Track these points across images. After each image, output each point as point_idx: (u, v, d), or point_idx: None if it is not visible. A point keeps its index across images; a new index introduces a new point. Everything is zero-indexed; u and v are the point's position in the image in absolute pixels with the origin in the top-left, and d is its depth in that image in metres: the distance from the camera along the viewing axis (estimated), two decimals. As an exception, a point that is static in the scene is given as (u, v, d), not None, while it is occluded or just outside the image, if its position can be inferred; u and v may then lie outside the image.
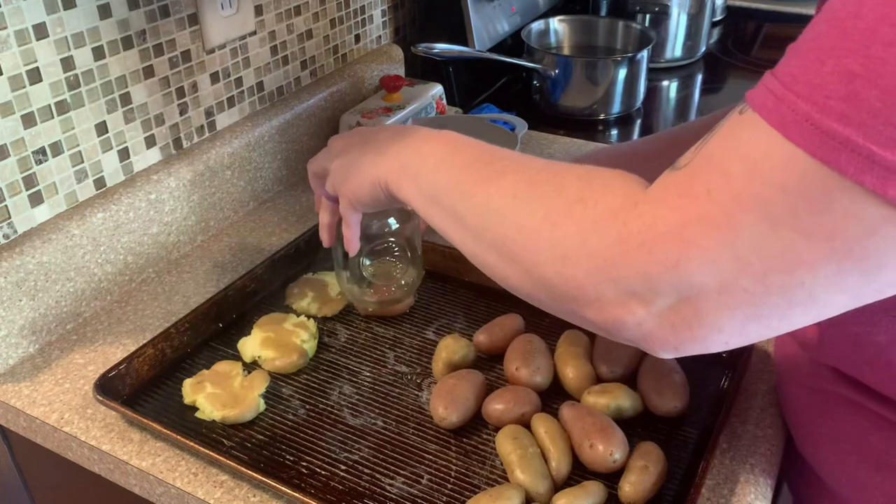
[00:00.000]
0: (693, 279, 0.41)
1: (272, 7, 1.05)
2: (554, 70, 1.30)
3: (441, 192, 0.56)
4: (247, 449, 0.69)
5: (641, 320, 0.44)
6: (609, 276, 0.44)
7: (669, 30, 1.54)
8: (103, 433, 0.71)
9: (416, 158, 0.59)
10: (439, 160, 0.57)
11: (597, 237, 0.44)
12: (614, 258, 0.43)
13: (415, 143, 0.60)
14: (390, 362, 0.79)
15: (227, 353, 0.80)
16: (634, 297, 0.43)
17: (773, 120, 0.38)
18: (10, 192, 0.78)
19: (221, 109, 1.01)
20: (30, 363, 0.80)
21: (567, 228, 0.46)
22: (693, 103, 1.50)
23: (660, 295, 0.43)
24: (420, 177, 0.58)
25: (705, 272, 0.40)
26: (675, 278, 0.41)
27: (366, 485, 0.65)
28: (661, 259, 0.41)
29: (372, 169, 0.62)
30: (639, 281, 0.43)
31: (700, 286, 0.41)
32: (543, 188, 0.49)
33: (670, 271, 0.41)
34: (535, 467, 0.64)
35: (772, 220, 0.38)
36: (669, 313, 0.43)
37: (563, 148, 1.20)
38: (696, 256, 0.40)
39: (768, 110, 0.38)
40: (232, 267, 0.95)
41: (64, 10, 0.78)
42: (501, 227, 0.50)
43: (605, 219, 0.44)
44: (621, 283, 0.43)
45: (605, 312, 0.45)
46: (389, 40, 1.34)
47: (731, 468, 0.66)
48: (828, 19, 0.37)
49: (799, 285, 0.39)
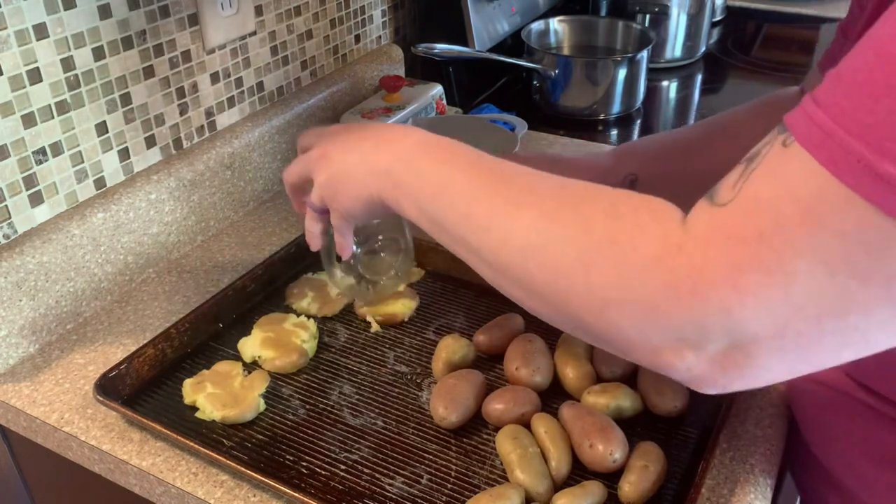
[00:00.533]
0: (747, 326, 0.39)
1: (272, 7, 1.05)
2: (554, 70, 1.30)
3: (448, 222, 0.52)
4: (247, 449, 0.69)
5: (691, 365, 0.43)
6: (657, 324, 0.42)
7: (669, 30, 1.54)
8: (103, 433, 0.71)
9: (411, 176, 0.55)
10: (441, 184, 0.53)
11: (640, 285, 0.42)
12: (662, 306, 0.41)
13: (406, 156, 0.55)
14: (390, 362, 0.79)
15: (227, 353, 0.80)
16: (684, 342, 0.42)
17: (824, 158, 0.36)
18: (11, 192, 0.78)
19: (221, 109, 1.02)
20: (30, 363, 0.80)
21: (604, 274, 0.43)
22: (693, 103, 1.50)
23: (711, 341, 0.41)
24: (421, 200, 0.54)
25: (760, 319, 0.39)
26: (728, 325, 0.40)
27: (366, 485, 0.65)
28: (715, 307, 0.40)
29: (364, 186, 0.58)
30: (690, 328, 0.41)
31: (754, 332, 0.40)
32: (570, 226, 0.46)
33: (724, 318, 0.40)
34: (535, 467, 0.64)
35: (828, 265, 0.37)
36: (720, 357, 0.42)
37: (563, 148, 1.20)
38: (750, 304, 0.39)
39: (816, 146, 0.37)
40: (232, 267, 0.95)
41: (64, 11, 0.78)
42: (526, 266, 0.47)
43: (648, 265, 0.42)
44: (671, 331, 0.42)
45: (652, 357, 0.44)
46: (389, 40, 1.34)
47: (731, 468, 0.66)
48: (877, 52, 0.35)
49: (853, 328, 0.38)
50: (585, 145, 1.22)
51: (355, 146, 0.59)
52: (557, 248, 0.46)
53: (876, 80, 0.35)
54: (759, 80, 1.56)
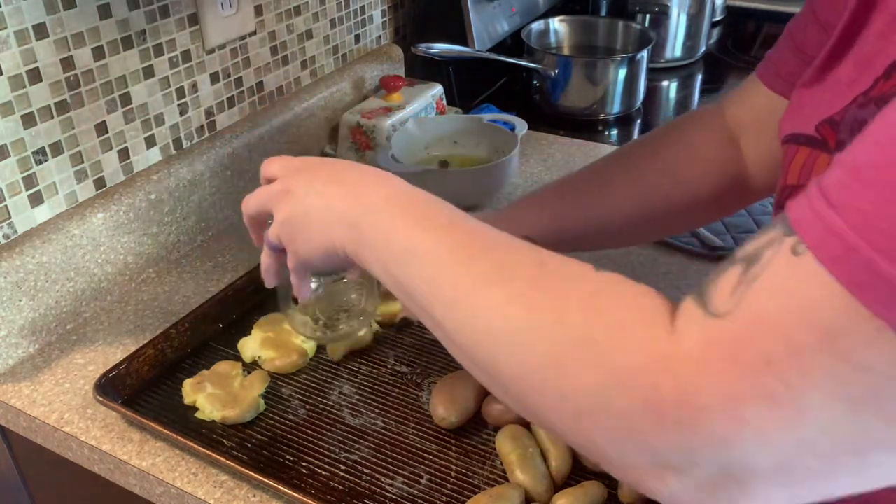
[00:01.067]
0: (745, 459, 0.34)
1: (272, 7, 1.05)
2: (554, 70, 1.30)
3: (413, 287, 0.47)
4: (247, 449, 0.69)
5: (675, 491, 0.37)
6: (636, 445, 0.36)
7: (669, 30, 1.54)
8: (103, 433, 0.71)
9: (376, 232, 0.49)
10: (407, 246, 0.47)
11: (619, 397, 0.36)
12: (643, 428, 0.35)
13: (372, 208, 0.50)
14: (390, 362, 0.79)
15: (227, 353, 0.80)
16: (668, 468, 0.36)
17: (846, 278, 0.30)
18: (10, 192, 0.78)
19: (221, 109, 1.01)
20: (30, 363, 0.80)
21: (578, 379, 0.38)
22: (693, 103, 1.50)
23: (700, 467, 0.35)
24: (386, 260, 0.49)
25: (761, 454, 0.33)
26: (721, 455, 0.34)
27: (366, 485, 0.65)
28: (706, 436, 0.34)
29: (325, 235, 0.52)
30: (676, 455, 0.35)
31: (752, 466, 0.34)
32: (542, 315, 0.40)
33: (717, 449, 0.34)
34: (535, 467, 0.64)
35: (849, 402, 0.31)
36: (709, 485, 0.36)
37: (563, 148, 1.20)
38: (751, 437, 0.33)
39: (835, 261, 0.31)
40: (232, 267, 0.95)
41: (64, 11, 0.78)
42: (493, 355, 0.42)
43: (628, 376, 0.36)
44: (651, 454, 0.36)
45: (630, 475, 0.38)
46: (389, 40, 1.34)
47: (731, 468, 0.66)
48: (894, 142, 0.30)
49: (873, 466, 0.33)
50: (585, 145, 1.22)
51: (322, 188, 0.53)
52: (526, 339, 0.40)
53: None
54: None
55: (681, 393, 0.34)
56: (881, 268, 0.29)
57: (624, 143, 1.25)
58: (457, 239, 0.46)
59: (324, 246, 0.53)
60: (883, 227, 0.29)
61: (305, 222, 0.54)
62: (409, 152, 1.05)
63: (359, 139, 1.13)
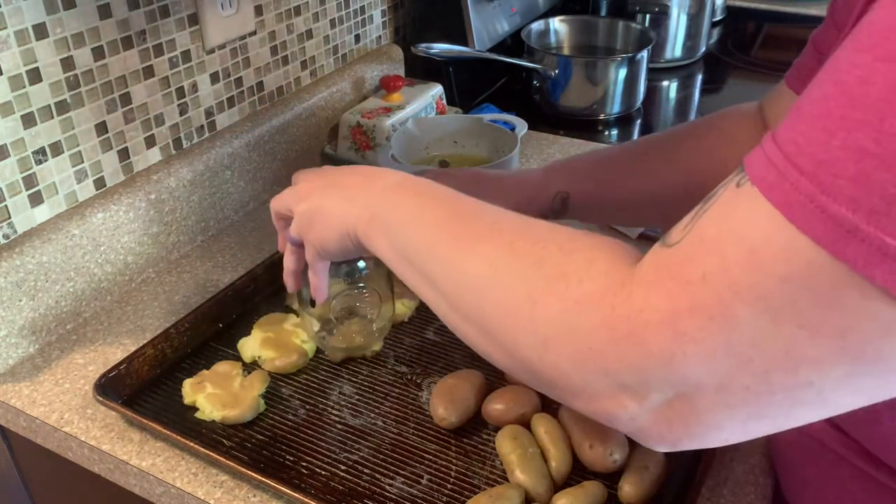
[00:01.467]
0: (689, 375, 0.37)
1: (272, 7, 1.05)
2: (554, 70, 1.30)
3: (413, 250, 0.52)
4: (247, 449, 0.69)
5: (634, 415, 0.40)
6: (596, 367, 0.40)
7: (669, 30, 1.54)
8: (103, 433, 0.71)
9: (387, 209, 0.55)
10: (412, 215, 0.53)
11: (580, 320, 0.40)
12: (601, 346, 0.39)
13: (385, 192, 0.56)
14: (390, 362, 0.79)
15: (227, 353, 0.80)
16: (625, 390, 0.39)
17: (776, 199, 0.33)
18: (10, 192, 0.78)
19: (221, 109, 1.02)
20: (30, 363, 0.80)
21: (548, 309, 0.42)
22: (693, 103, 1.50)
23: (653, 389, 0.39)
24: (391, 231, 0.54)
25: (702, 368, 0.36)
26: (669, 373, 0.37)
27: (366, 485, 0.65)
28: (654, 352, 0.37)
29: (340, 218, 0.57)
30: (630, 374, 0.39)
31: (697, 383, 0.37)
32: (523, 260, 0.44)
33: (664, 366, 0.37)
34: (535, 467, 0.64)
35: (773, 314, 0.34)
36: (664, 409, 0.39)
37: (563, 148, 1.20)
38: (691, 351, 0.36)
39: (769, 186, 0.34)
40: (232, 267, 0.95)
41: (64, 11, 0.78)
42: (479, 301, 0.46)
43: (590, 300, 0.40)
44: (610, 375, 0.39)
45: (593, 404, 0.41)
46: (389, 40, 1.34)
47: (731, 468, 0.66)
48: (834, 81, 0.33)
49: (806, 385, 0.35)
50: (585, 145, 1.22)
51: (340, 181, 0.60)
52: (509, 282, 0.44)
53: (831, 112, 0.32)
54: (759, 80, 1.56)
55: (630, 309, 0.38)
56: (805, 186, 0.32)
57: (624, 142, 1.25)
58: (455, 206, 0.52)
59: (337, 231, 0.57)
60: (811, 153, 0.33)
61: (322, 211, 0.59)
62: (409, 152, 1.05)
63: (359, 139, 1.13)
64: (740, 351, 0.35)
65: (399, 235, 0.53)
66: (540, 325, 0.42)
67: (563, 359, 0.41)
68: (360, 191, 0.57)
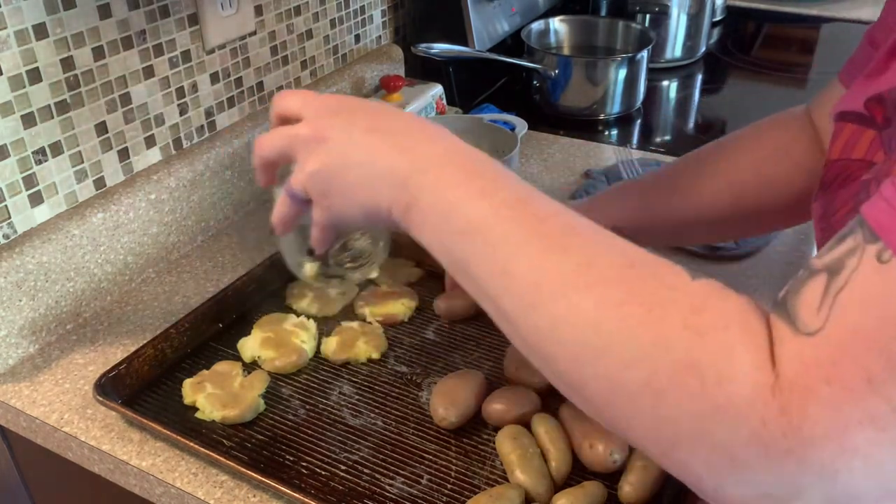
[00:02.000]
0: (852, 487, 0.33)
1: (272, 7, 1.05)
2: (554, 70, 1.30)
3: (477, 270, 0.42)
4: (247, 449, 0.69)
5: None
6: (738, 477, 0.35)
7: (669, 30, 1.54)
8: (103, 433, 0.71)
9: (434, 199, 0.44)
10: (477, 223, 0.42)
11: (722, 431, 0.34)
12: (748, 461, 0.34)
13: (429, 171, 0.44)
14: (390, 362, 0.79)
15: (227, 353, 0.80)
16: (769, 499, 0.35)
17: None
18: (10, 192, 0.78)
19: (221, 109, 1.02)
20: (30, 363, 0.80)
21: (678, 408, 0.35)
22: (693, 103, 1.50)
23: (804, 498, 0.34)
24: (443, 232, 0.44)
25: (869, 482, 0.33)
26: (829, 485, 0.33)
27: (366, 485, 0.65)
28: (816, 468, 0.33)
29: (369, 193, 0.47)
30: (780, 487, 0.34)
31: (858, 493, 0.33)
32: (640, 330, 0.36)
33: (825, 479, 0.33)
34: (535, 467, 0.64)
35: None
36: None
37: (563, 148, 1.20)
38: (859, 466, 0.32)
39: None
40: (232, 267, 0.95)
41: (64, 11, 0.78)
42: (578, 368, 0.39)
43: (735, 410, 0.34)
44: (753, 487, 0.35)
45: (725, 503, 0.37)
46: (389, 40, 1.34)
47: (731, 468, 0.66)
48: None
49: None
50: (585, 145, 1.22)
51: (362, 138, 0.47)
52: (620, 359, 0.37)
53: None
54: (759, 80, 1.56)
55: (788, 426, 0.33)
56: None
57: (624, 143, 1.26)
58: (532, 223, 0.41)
59: (365, 205, 0.47)
60: None
61: (343, 176, 0.48)
62: (409, 152, 1.05)
63: (359, 139, 1.13)
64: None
65: (454, 243, 0.43)
66: (667, 425, 0.36)
67: (696, 463, 0.36)
68: (396, 160, 0.46)
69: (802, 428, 0.32)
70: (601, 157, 1.18)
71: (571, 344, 0.39)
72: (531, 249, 0.40)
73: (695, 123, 1.41)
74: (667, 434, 0.36)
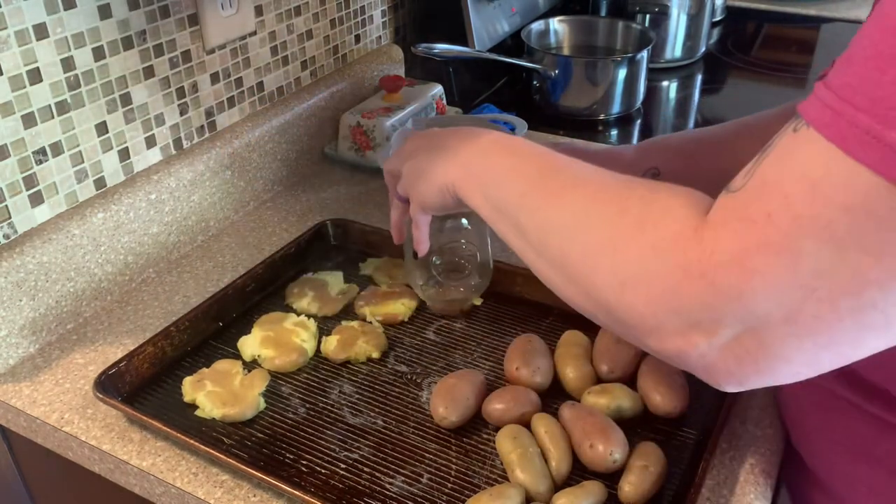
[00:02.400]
0: (757, 309, 0.39)
1: (272, 7, 1.05)
2: (554, 70, 1.30)
3: (506, 203, 0.56)
4: (247, 447, 0.69)
5: (704, 352, 0.43)
6: (669, 306, 0.43)
7: (669, 30, 1.54)
8: (103, 433, 0.71)
9: (483, 166, 0.59)
10: (506, 170, 0.57)
11: (656, 264, 0.43)
12: (674, 287, 0.42)
13: (482, 151, 0.60)
14: (390, 362, 0.79)
15: (227, 351, 0.80)
16: (696, 327, 0.42)
17: (832, 135, 0.36)
18: (11, 192, 0.78)
19: (221, 110, 1.02)
20: (30, 363, 0.80)
21: (627, 253, 0.45)
22: (693, 104, 1.50)
23: (722, 326, 0.41)
24: (486, 186, 0.58)
25: (769, 301, 0.39)
26: (738, 308, 0.40)
27: (366, 483, 0.65)
28: (724, 289, 0.40)
29: (440, 175, 0.62)
30: (700, 311, 0.41)
31: (764, 316, 0.39)
32: (607, 208, 0.48)
33: (733, 301, 0.40)
34: (535, 467, 0.64)
35: (836, 242, 0.36)
36: (733, 345, 0.42)
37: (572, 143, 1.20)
38: (758, 285, 0.39)
39: (825, 125, 0.37)
40: (232, 267, 0.95)
41: (64, 11, 0.78)
42: (563, 246, 0.50)
43: (665, 245, 0.43)
44: (682, 314, 0.42)
45: (665, 342, 0.44)
46: (389, 40, 1.34)
47: (731, 468, 0.66)
48: (881, 27, 0.36)
49: (870, 307, 0.37)
50: (585, 146, 1.21)
51: (441, 143, 0.64)
52: (593, 228, 0.48)
53: (881, 52, 0.35)
54: (759, 80, 1.56)
55: (701, 252, 0.41)
56: (861, 120, 0.35)
57: (624, 143, 1.26)
58: (547, 162, 0.56)
59: (437, 185, 0.62)
60: (864, 90, 0.35)
61: (426, 168, 0.64)
62: (409, 152, 1.05)
63: (359, 139, 1.13)
64: (806, 281, 0.38)
65: (492, 189, 0.57)
66: (619, 269, 0.45)
67: (638, 300, 0.44)
68: (459, 150, 0.61)
69: (713, 253, 0.40)
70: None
71: (560, 228, 0.51)
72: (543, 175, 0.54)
73: (695, 123, 1.41)
74: (619, 278, 0.45)
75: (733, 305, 0.40)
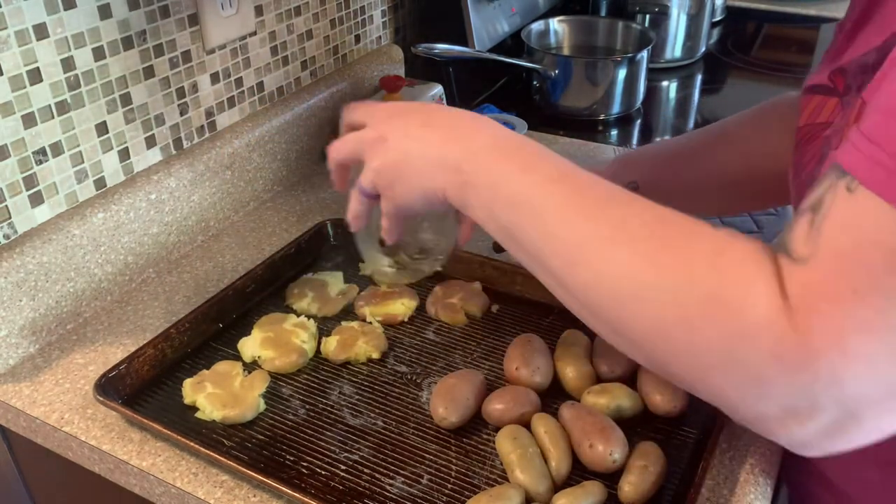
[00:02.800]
0: (857, 391, 0.38)
1: (272, 7, 1.05)
2: (554, 70, 1.30)
3: (525, 236, 0.49)
4: (247, 449, 0.69)
5: (795, 433, 0.41)
6: (762, 393, 0.40)
7: (669, 30, 1.54)
8: (103, 433, 0.71)
9: (486, 179, 0.50)
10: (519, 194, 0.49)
11: (747, 353, 0.40)
12: (770, 376, 0.39)
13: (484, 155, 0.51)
14: (390, 362, 0.79)
15: (227, 353, 0.80)
16: (792, 414, 0.40)
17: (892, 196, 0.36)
18: (11, 192, 0.78)
19: (221, 110, 1.02)
20: (30, 363, 0.80)
21: (708, 336, 0.41)
22: (693, 104, 1.50)
23: (820, 411, 0.39)
24: (493, 206, 0.50)
25: (869, 382, 0.38)
26: (837, 394, 0.38)
27: (366, 485, 0.65)
28: (823, 377, 0.38)
29: (426, 179, 0.54)
30: (798, 399, 0.39)
31: (864, 397, 0.38)
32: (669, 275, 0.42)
33: (832, 388, 0.38)
34: (535, 467, 0.64)
35: None
36: (829, 428, 0.40)
37: (563, 149, 1.20)
38: (860, 370, 0.37)
39: (883, 186, 0.36)
40: (232, 267, 0.95)
41: (64, 11, 0.78)
42: (621, 315, 0.45)
43: (756, 333, 0.39)
44: (778, 401, 0.40)
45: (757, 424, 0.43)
46: (389, 40, 1.34)
47: (731, 468, 0.66)
48: None
49: None
50: (585, 146, 1.22)
51: (419, 133, 0.54)
52: (656, 300, 0.43)
53: None
54: (759, 80, 1.56)
55: (798, 341, 0.38)
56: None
57: (624, 143, 1.26)
58: (571, 192, 0.48)
59: (424, 191, 0.54)
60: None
61: (403, 168, 0.55)
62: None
63: (359, 139, 1.13)
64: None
65: (504, 215, 0.50)
66: (700, 354, 0.42)
67: (728, 386, 0.42)
68: (447, 147, 0.53)
69: (809, 341, 0.38)
70: (601, 157, 1.18)
71: (612, 293, 0.44)
72: (572, 215, 0.46)
73: (695, 123, 1.41)
74: (701, 362, 0.41)
75: (833, 391, 0.38)
